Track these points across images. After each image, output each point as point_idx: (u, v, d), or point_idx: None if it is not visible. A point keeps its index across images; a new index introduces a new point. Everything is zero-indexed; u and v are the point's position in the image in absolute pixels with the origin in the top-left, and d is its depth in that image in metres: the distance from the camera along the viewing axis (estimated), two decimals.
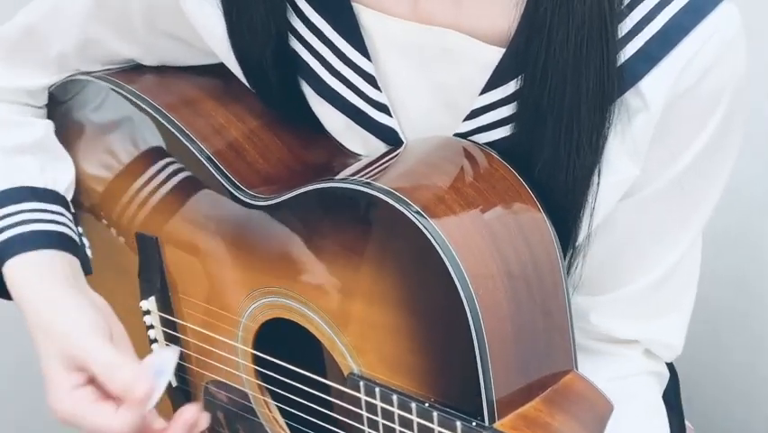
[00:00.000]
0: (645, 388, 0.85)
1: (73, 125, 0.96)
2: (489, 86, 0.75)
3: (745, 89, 0.75)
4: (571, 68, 0.69)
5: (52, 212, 0.89)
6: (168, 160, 0.88)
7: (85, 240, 0.93)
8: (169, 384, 0.95)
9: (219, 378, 0.90)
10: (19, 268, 0.85)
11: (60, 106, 0.96)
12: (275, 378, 0.84)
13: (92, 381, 0.77)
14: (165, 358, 0.78)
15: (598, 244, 0.79)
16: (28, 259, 0.85)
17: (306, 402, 0.82)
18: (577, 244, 0.77)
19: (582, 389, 0.74)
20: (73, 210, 0.93)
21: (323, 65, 0.81)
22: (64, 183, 0.93)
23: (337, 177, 0.76)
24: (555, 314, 0.74)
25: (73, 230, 0.91)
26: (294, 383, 0.82)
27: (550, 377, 0.74)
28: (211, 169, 0.83)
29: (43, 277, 0.84)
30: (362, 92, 0.80)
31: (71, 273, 0.86)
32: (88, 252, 0.93)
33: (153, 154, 0.89)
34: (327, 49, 0.80)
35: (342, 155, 0.85)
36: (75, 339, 0.77)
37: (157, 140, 0.88)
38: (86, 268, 0.90)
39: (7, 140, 0.92)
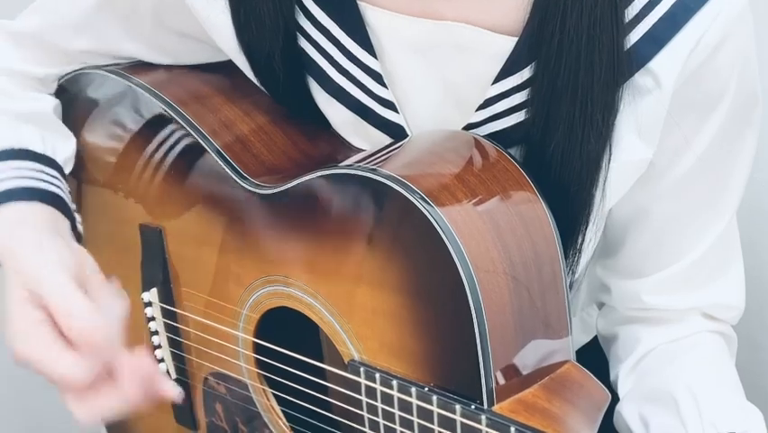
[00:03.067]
0: (708, 341, 0.86)
1: (81, 117, 0.97)
2: (503, 74, 0.76)
3: (754, 62, 0.77)
4: (584, 47, 0.71)
5: (49, 174, 0.89)
6: (173, 152, 0.90)
7: (77, 216, 0.93)
8: (168, 376, 0.96)
9: (219, 369, 0.91)
10: (3, 216, 0.83)
11: (69, 98, 0.98)
12: (275, 367, 0.85)
13: (53, 321, 0.73)
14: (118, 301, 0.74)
15: (639, 234, 0.82)
16: (14, 208, 0.83)
17: (305, 390, 0.83)
18: (589, 224, 0.79)
19: (580, 378, 0.76)
20: (68, 187, 0.93)
21: (330, 62, 0.83)
22: (63, 155, 0.93)
23: (342, 164, 0.78)
24: (554, 305, 0.75)
25: (67, 196, 0.90)
26: (294, 371, 0.83)
27: (548, 366, 0.75)
28: (217, 159, 0.85)
29: (25, 223, 0.82)
30: (369, 89, 0.82)
31: (56, 225, 0.85)
32: (80, 227, 0.92)
33: (159, 146, 0.91)
34: (334, 47, 0.82)
35: (347, 150, 0.86)
36: (36, 273, 0.74)
37: (164, 132, 0.90)
38: (77, 239, 0.89)
39: (16, 107, 0.92)
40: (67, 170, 0.94)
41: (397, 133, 0.82)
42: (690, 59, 0.74)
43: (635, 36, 0.73)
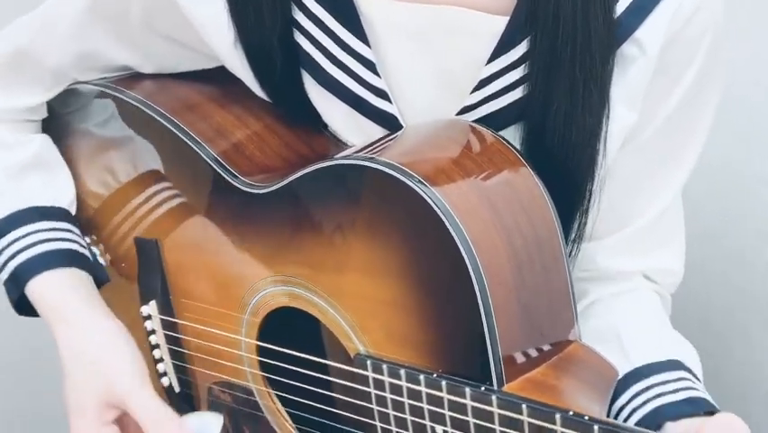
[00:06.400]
0: (645, 295, 0.89)
1: (74, 138, 0.97)
2: (496, 53, 0.77)
3: (722, 32, 0.80)
4: (580, 11, 0.73)
5: (61, 230, 0.93)
6: (166, 162, 0.90)
7: (95, 249, 0.95)
8: (172, 390, 0.95)
9: (223, 377, 0.90)
10: (43, 288, 0.89)
11: (59, 119, 0.97)
12: (279, 369, 0.84)
13: (119, 418, 0.84)
14: (207, 423, 0.85)
15: (603, 192, 0.82)
16: (49, 279, 0.89)
17: (311, 389, 0.82)
18: (594, 185, 0.80)
19: (587, 356, 0.75)
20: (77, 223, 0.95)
21: (324, 54, 0.83)
22: (67, 197, 0.96)
23: (338, 156, 0.78)
24: (556, 283, 0.75)
25: (82, 245, 0.93)
26: (299, 370, 0.82)
27: (554, 347, 0.75)
28: (212, 164, 0.85)
29: (68, 299, 0.89)
30: (363, 79, 0.82)
31: (92, 292, 0.91)
32: (101, 260, 0.95)
33: (151, 158, 0.91)
34: (328, 38, 0.82)
35: (341, 148, 0.86)
36: (120, 382, 0.84)
37: (158, 144, 0.90)
38: (103, 277, 0.94)
39: (6, 160, 0.94)
40: (73, 210, 0.96)
41: (390, 123, 0.83)
42: (670, 27, 0.76)
43: (620, 7, 0.75)
